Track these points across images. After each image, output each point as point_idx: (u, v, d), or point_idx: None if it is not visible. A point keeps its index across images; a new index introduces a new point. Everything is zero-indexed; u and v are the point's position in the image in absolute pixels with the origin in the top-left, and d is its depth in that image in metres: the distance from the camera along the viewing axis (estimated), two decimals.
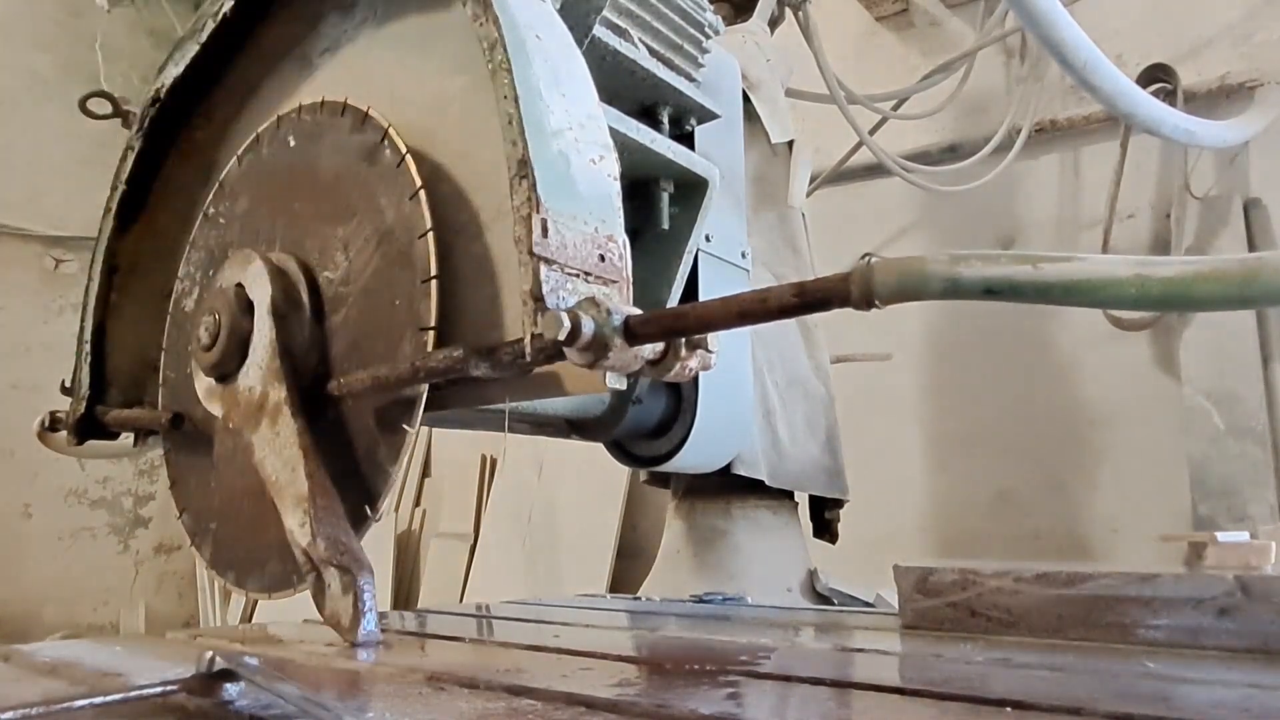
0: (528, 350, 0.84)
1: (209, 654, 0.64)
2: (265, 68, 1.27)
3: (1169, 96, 2.46)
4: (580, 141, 0.92)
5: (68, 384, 1.38)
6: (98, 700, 0.64)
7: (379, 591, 1.72)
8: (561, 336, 0.76)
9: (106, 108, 1.38)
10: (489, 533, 3.52)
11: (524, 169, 0.85)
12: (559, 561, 3.30)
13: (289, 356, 1.02)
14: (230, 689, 0.64)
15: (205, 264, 1.23)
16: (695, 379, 1.36)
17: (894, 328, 2.80)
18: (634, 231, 0.97)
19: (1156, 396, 2.56)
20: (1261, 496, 2.29)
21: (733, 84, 1.57)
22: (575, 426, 1.42)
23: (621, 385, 0.89)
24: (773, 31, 2.06)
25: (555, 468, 3.42)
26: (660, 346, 0.82)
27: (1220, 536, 0.98)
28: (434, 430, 3.36)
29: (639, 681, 0.75)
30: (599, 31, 1.18)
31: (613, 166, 0.95)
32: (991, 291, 0.65)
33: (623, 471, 3.08)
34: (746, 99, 1.77)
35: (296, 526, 0.94)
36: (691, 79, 1.37)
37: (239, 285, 1.07)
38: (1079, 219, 2.80)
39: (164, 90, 1.30)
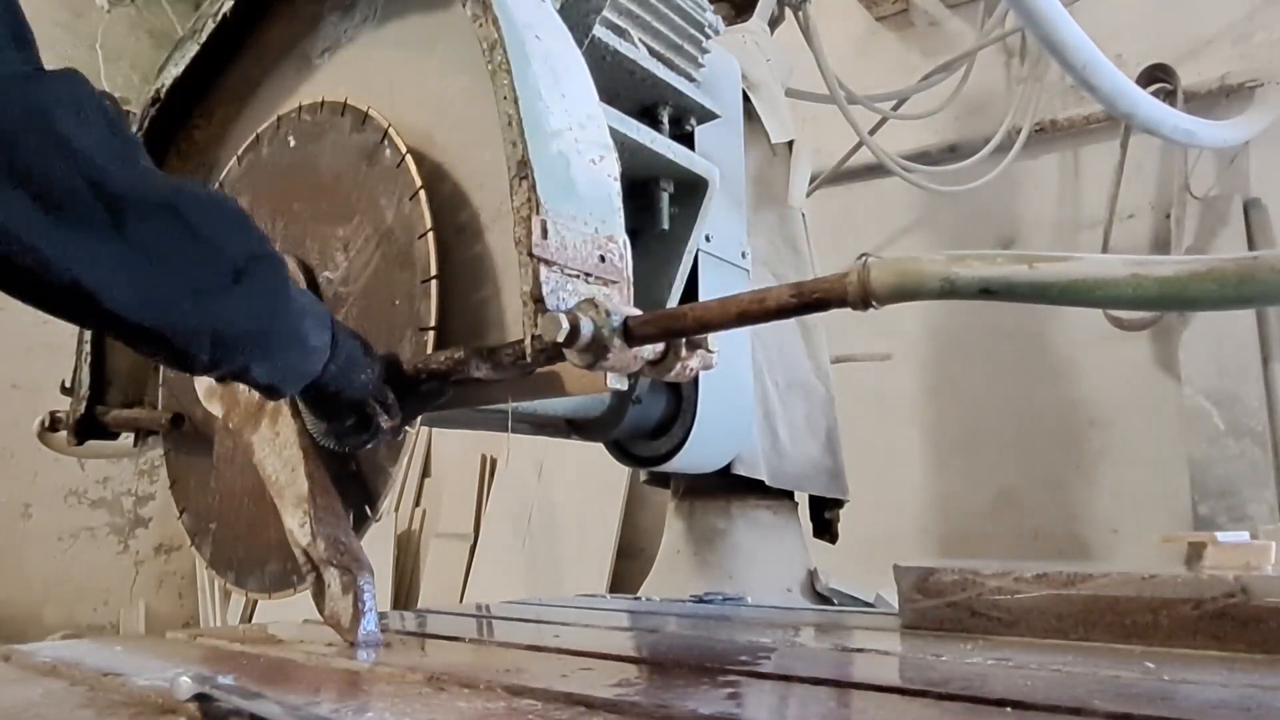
0: (528, 351, 0.84)
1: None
2: (265, 68, 1.27)
3: (1169, 96, 2.46)
4: (580, 142, 0.92)
5: (68, 384, 1.38)
6: None
7: (379, 591, 1.72)
8: (561, 338, 0.76)
9: None
10: (489, 533, 3.52)
11: (524, 169, 0.85)
12: (559, 561, 3.29)
13: None
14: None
15: None
16: (695, 379, 1.35)
17: (894, 328, 2.80)
18: (634, 231, 0.97)
19: (1156, 396, 2.56)
20: (1261, 496, 2.29)
21: (733, 84, 1.57)
22: (575, 427, 1.42)
23: (621, 385, 0.89)
24: (773, 31, 2.06)
25: (555, 468, 3.42)
26: (660, 347, 0.82)
27: (1220, 536, 0.98)
28: (434, 430, 3.36)
29: (639, 681, 0.75)
30: (599, 31, 1.18)
31: (613, 167, 0.95)
32: (988, 291, 0.65)
33: (623, 471, 3.08)
34: (746, 99, 1.77)
35: (296, 526, 0.94)
36: (691, 79, 1.37)
37: None
38: (1079, 219, 2.80)
39: (164, 90, 1.30)
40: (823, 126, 2.67)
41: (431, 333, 0.94)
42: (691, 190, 1.33)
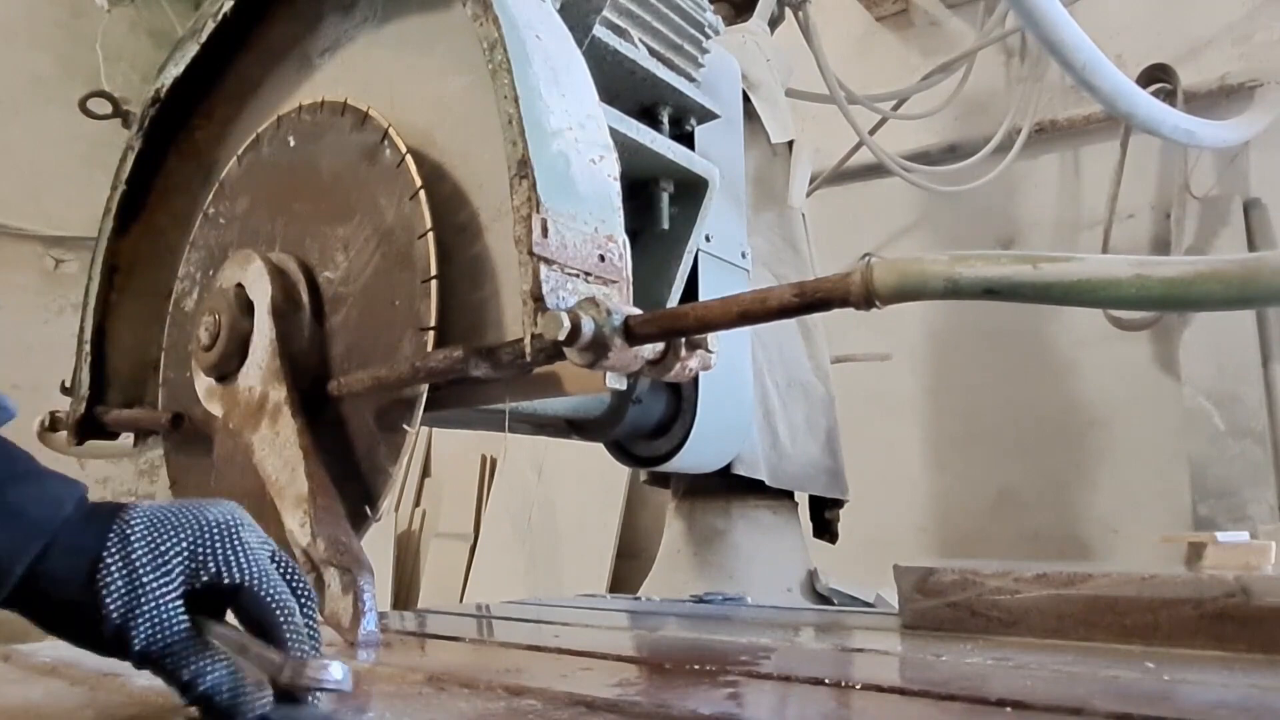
0: (528, 350, 0.84)
1: None
2: (265, 68, 1.27)
3: (1169, 96, 2.46)
4: (580, 141, 0.92)
5: (68, 384, 1.38)
6: None
7: (379, 591, 1.72)
8: (561, 336, 0.76)
9: (106, 108, 1.38)
10: (489, 533, 3.52)
11: (524, 169, 0.85)
12: (559, 561, 3.29)
13: (289, 356, 1.02)
14: None
15: (205, 264, 1.23)
16: (695, 379, 1.36)
17: (894, 328, 2.80)
18: (634, 231, 0.97)
19: (1156, 396, 2.56)
20: (1261, 496, 2.29)
21: (733, 84, 1.57)
22: (575, 426, 1.42)
23: (621, 385, 0.89)
24: (773, 31, 2.06)
25: (555, 468, 3.42)
26: (660, 346, 0.82)
27: (1220, 536, 0.98)
28: (434, 430, 3.36)
29: (639, 681, 0.75)
30: (599, 31, 1.18)
31: (613, 166, 0.95)
32: (992, 291, 0.65)
33: (623, 471, 3.08)
34: (746, 99, 1.77)
35: (296, 527, 0.94)
36: (691, 79, 1.37)
37: (239, 285, 1.07)
38: (1079, 219, 2.80)
39: (164, 90, 1.30)
40: (823, 126, 2.67)
41: (431, 333, 0.93)
42: (691, 190, 1.33)
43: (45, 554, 0.56)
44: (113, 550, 0.57)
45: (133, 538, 0.58)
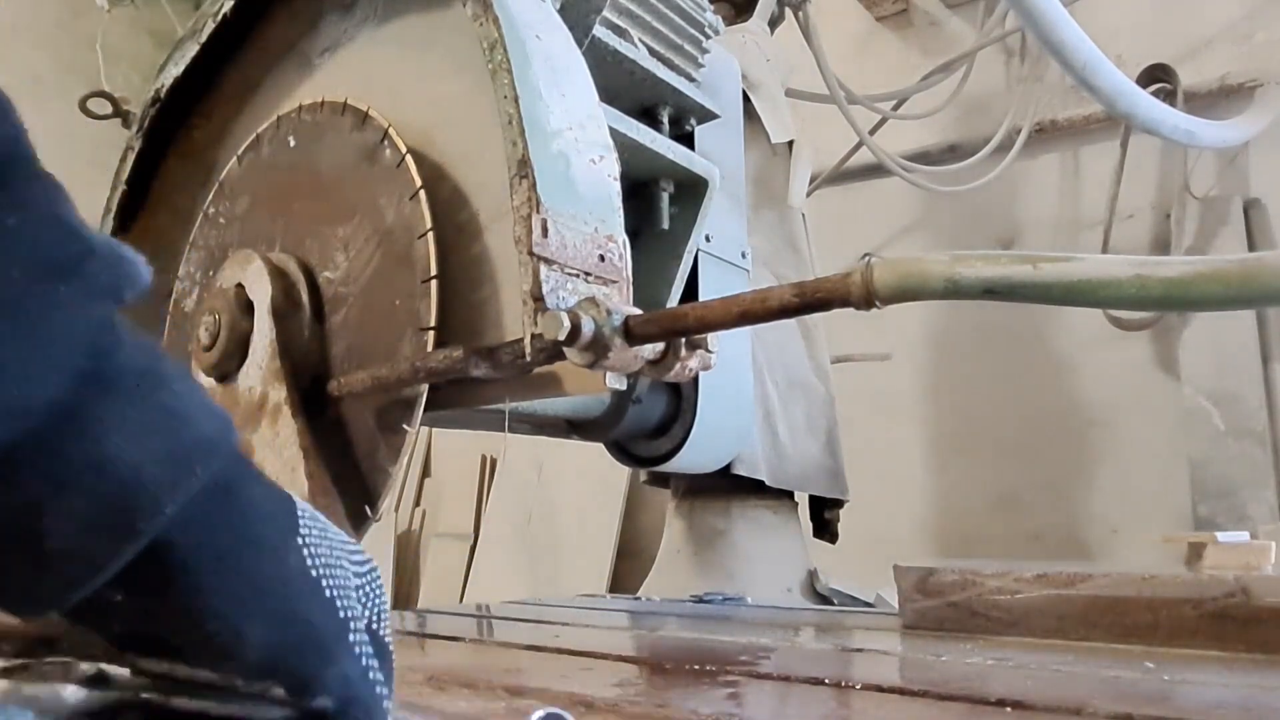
0: (527, 350, 0.83)
1: None
2: (265, 68, 1.27)
3: (1169, 96, 2.46)
4: (580, 141, 0.92)
5: None
6: None
7: None
8: (561, 336, 0.76)
9: (106, 108, 1.38)
10: (489, 533, 3.52)
11: (524, 169, 0.85)
12: (559, 561, 3.29)
13: (289, 356, 1.02)
14: None
15: (205, 264, 1.23)
16: (695, 379, 1.35)
17: (894, 328, 2.80)
18: (634, 231, 0.97)
19: (1156, 396, 2.56)
20: (1261, 496, 2.29)
21: (733, 84, 1.57)
22: (575, 426, 1.42)
23: (621, 385, 0.89)
24: (773, 31, 2.06)
25: (555, 468, 3.41)
26: (660, 346, 0.82)
27: (1220, 536, 0.97)
28: (434, 430, 3.36)
29: (639, 681, 0.75)
30: (599, 31, 1.18)
31: (613, 166, 0.95)
32: (991, 292, 0.65)
33: (623, 471, 3.08)
34: (746, 99, 1.77)
35: None
36: (691, 79, 1.37)
37: (239, 285, 1.07)
38: (1079, 219, 2.80)
39: (164, 90, 1.30)
40: (823, 126, 2.67)
41: (431, 333, 0.93)
42: (691, 190, 1.33)
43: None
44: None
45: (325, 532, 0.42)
